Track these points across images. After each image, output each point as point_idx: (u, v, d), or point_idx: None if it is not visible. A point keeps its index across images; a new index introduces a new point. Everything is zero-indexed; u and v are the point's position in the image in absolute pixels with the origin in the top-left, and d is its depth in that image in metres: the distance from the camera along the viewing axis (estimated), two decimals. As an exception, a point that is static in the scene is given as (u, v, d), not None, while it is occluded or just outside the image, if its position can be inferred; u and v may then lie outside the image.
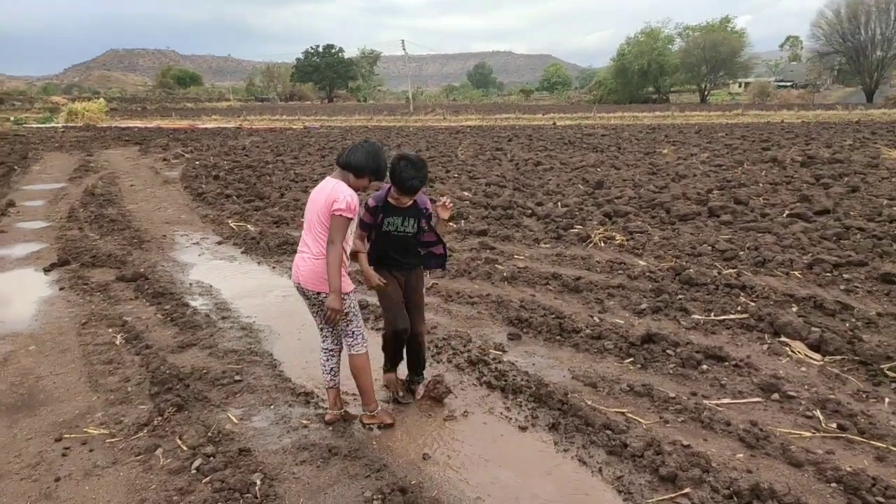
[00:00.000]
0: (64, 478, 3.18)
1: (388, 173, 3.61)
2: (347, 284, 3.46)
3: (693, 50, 70.74)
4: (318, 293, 3.45)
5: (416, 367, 4.13)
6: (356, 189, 3.45)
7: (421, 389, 4.09)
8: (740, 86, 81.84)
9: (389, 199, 3.73)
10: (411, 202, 3.74)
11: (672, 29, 77.06)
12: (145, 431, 3.60)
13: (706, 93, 73.36)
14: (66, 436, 3.57)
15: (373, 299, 5.84)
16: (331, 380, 3.71)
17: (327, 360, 3.71)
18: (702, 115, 38.45)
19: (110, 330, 5.25)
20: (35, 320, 5.53)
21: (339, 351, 3.72)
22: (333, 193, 3.35)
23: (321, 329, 3.69)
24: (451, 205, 3.93)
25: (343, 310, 3.40)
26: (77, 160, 18.06)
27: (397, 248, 3.85)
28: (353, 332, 3.58)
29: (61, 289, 6.42)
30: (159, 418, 3.71)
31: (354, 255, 3.76)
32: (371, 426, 3.67)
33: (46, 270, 7.08)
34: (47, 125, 35.74)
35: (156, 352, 4.72)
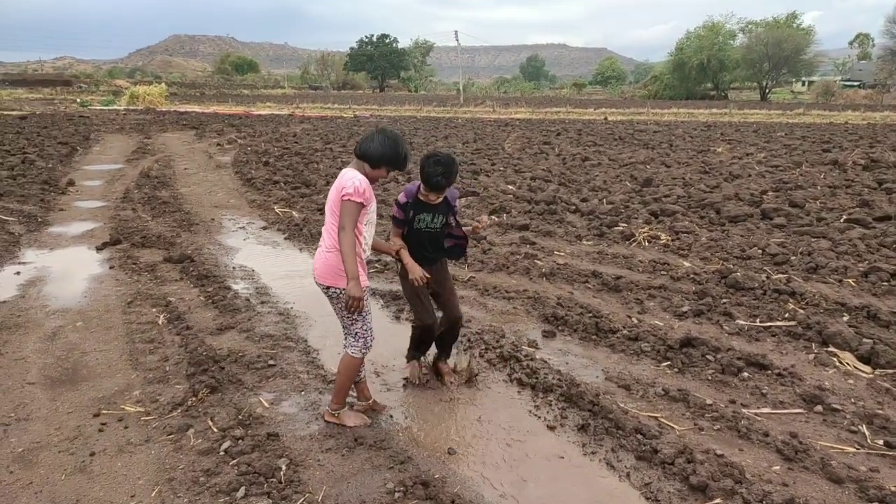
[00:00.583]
0: (98, 453, 3.28)
1: (415, 167, 3.61)
2: (364, 280, 3.35)
3: (755, 46, 68.33)
4: (328, 288, 3.36)
5: (447, 349, 4.23)
6: (373, 180, 3.37)
7: (445, 367, 4.19)
8: (804, 84, 78.79)
9: (420, 196, 3.73)
10: (441, 199, 3.74)
11: (735, 24, 74.60)
12: (179, 411, 3.69)
13: (767, 91, 70.88)
14: (104, 411, 3.69)
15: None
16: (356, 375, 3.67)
17: None
18: (761, 114, 37.22)
19: (154, 310, 5.40)
20: (84, 297, 5.73)
21: None
22: (342, 181, 3.28)
23: (343, 328, 3.54)
24: (488, 224, 3.97)
25: (364, 297, 3.27)
26: (135, 142, 18.67)
27: (426, 244, 3.89)
28: (355, 333, 3.45)
29: (111, 267, 6.63)
30: (193, 399, 3.79)
31: (392, 252, 3.81)
32: (331, 423, 3.56)
33: (99, 249, 7.33)
34: (110, 107, 37.07)
35: (195, 333, 4.83)
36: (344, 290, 3.26)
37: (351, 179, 3.25)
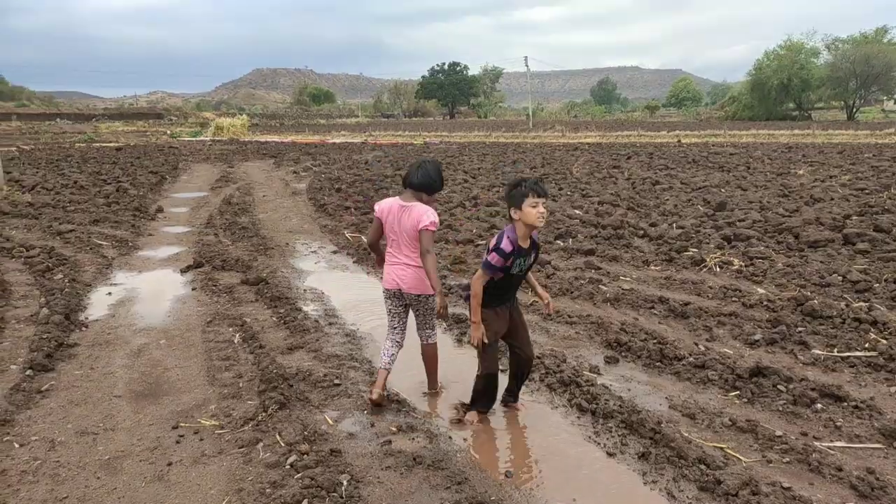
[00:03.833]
0: (175, 463, 3.50)
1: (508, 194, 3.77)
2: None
3: (841, 63, 65.23)
4: (419, 295, 4.12)
5: (518, 385, 4.17)
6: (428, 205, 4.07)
7: (517, 406, 4.18)
8: (896, 102, 74.50)
9: (519, 242, 3.71)
10: (530, 241, 3.79)
11: (818, 41, 71.56)
12: (250, 426, 3.87)
13: (854, 110, 67.37)
14: (182, 424, 3.92)
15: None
16: (388, 363, 4.20)
17: (391, 346, 4.25)
18: (847, 134, 35.41)
19: (230, 329, 5.69)
20: (168, 316, 6.10)
21: (401, 347, 4.30)
22: (418, 215, 3.98)
23: (396, 325, 4.27)
24: (551, 308, 4.13)
25: (446, 306, 4.10)
26: (219, 171, 19.70)
27: (513, 287, 3.93)
28: (432, 325, 4.28)
29: (193, 289, 7.03)
30: (263, 414, 3.98)
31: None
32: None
33: (183, 271, 7.78)
34: (197, 138, 39.28)
35: (267, 352, 5.05)
36: (431, 295, 4.09)
37: (428, 213, 3.96)
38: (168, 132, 45.36)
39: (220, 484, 3.29)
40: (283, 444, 3.61)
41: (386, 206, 4.12)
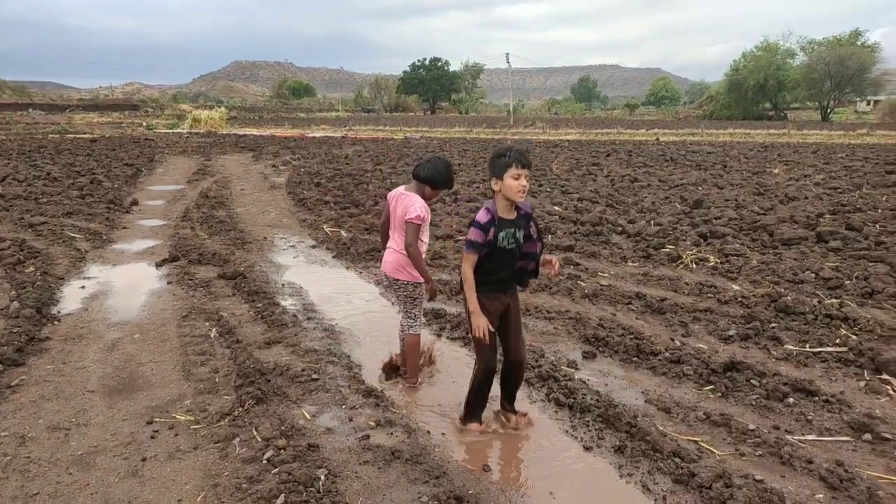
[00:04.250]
0: (150, 458, 3.45)
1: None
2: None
3: (816, 65, 66.34)
4: (396, 280, 4.29)
5: (512, 398, 3.96)
6: (429, 199, 4.25)
7: (513, 417, 3.92)
8: (869, 104, 75.93)
9: (500, 213, 3.56)
10: (516, 213, 3.60)
11: (794, 42, 72.68)
12: (226, 421, 3.84)
13: (829, 111, 68.56)
14: (157, 419, 3.87)
15: (450, 308, 5.93)
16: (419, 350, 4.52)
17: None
18: (821, 134, 36.05)
19: (207, 323, 5.62)
20: (143, 311, 6.02)
21: None
22: (408, 205, 4.15)
23: (405, 313, 4.42)
24: (558, 267, 3.87)
25: (435, 290, 4.31)
26: (196, 164, 19.44)
27: (505, 265, 3.64)
28: (414, 315, 4.39)
29: (169, 283, 6.93)
30: (240, 409, 3.94)
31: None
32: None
33: (158, 265, 7.67)
34: (173, 130, 38.75)
35: (244, 346, 5.01)
36: (407, 281, 4.26)
37: (414, 206, 4.11)
38: (144, 124, 44.67)
39: (195, 479, 3.25)
40: (259, 439, 3.58)
41: (394, 193, 4.36)
